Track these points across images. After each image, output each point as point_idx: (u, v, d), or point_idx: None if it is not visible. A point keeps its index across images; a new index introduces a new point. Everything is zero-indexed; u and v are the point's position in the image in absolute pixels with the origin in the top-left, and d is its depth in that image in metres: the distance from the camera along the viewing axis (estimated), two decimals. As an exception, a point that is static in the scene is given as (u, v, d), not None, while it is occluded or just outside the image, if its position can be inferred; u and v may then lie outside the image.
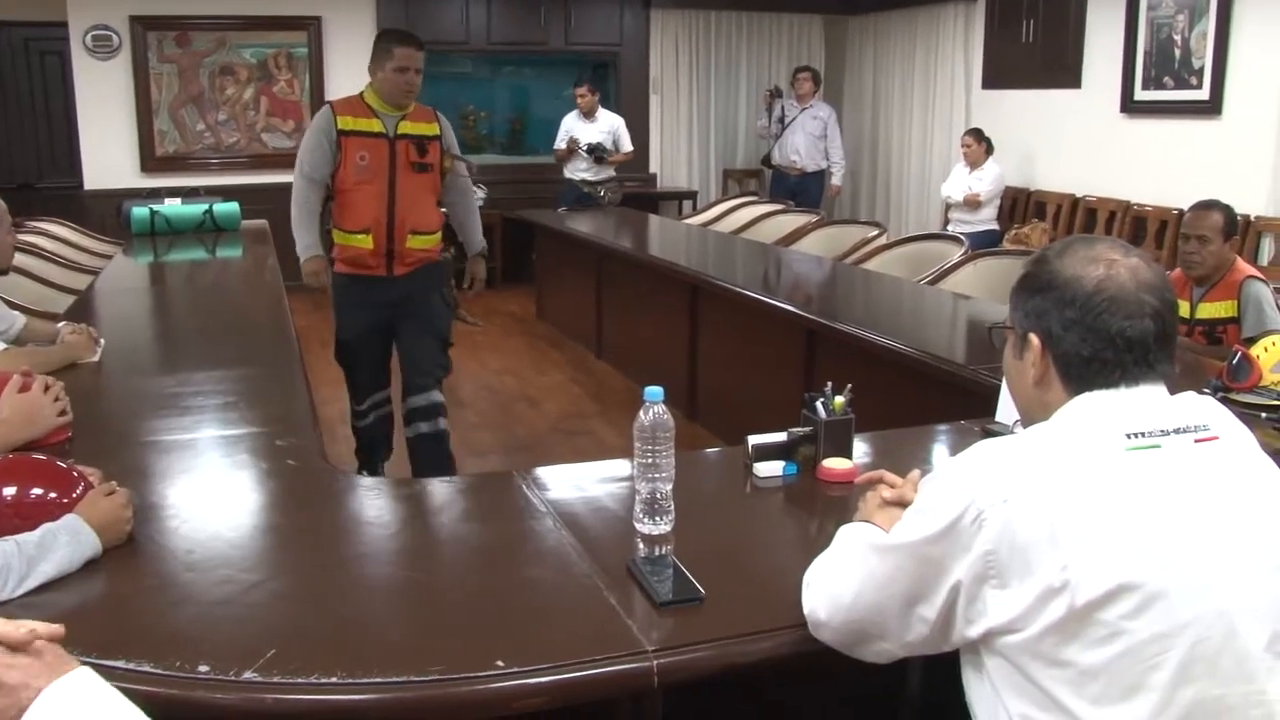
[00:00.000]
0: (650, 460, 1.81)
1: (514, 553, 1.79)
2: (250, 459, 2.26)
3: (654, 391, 1.81)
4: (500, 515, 1.95)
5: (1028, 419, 1.42)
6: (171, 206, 6.06)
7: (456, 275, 4.77)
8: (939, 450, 2.39)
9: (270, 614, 1.57)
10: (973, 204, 7.47)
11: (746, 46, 9.80)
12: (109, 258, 5.69)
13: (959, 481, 1.27)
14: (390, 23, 8.51)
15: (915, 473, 1.80)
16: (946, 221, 7.84)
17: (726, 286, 4.83)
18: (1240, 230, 3.80)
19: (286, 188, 8.14)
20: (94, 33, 7.97)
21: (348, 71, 8.49)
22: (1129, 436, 1.25)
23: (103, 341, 3.18)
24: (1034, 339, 1.36)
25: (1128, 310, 1.30)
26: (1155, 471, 1.24)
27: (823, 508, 2.03)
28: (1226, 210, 3.72)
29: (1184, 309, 3.71)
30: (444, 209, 4.22)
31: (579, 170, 8.30)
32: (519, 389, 6.07)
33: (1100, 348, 1.30)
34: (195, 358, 3.36)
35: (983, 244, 6.43)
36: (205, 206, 6.06)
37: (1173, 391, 1.34)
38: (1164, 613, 1.18)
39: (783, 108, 8.82)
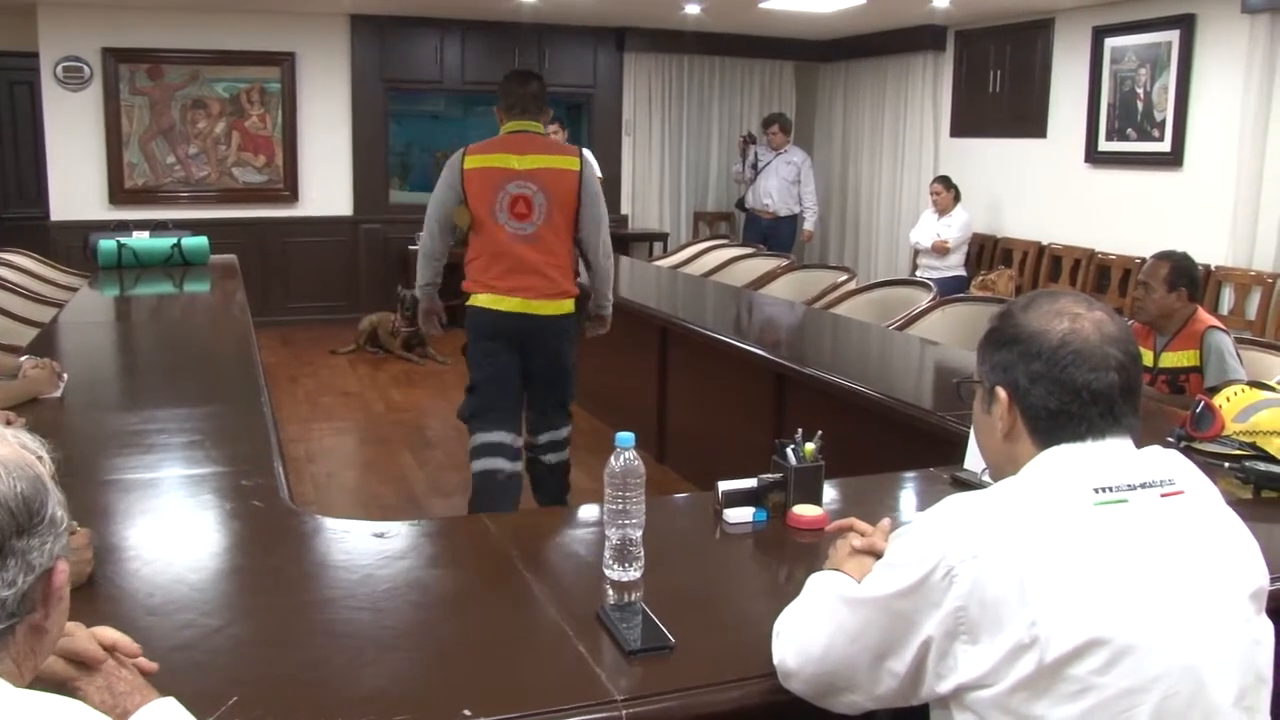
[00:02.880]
0: (620, 506, 1.80)
1: (482, 598, 1.77)
2: (214, 499, 2.23)
3: (625, 437, 1.81)
4: (468, 560, 1.93)
5: (997, 472, 1.42)
6: (139, 240, 6.02)
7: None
8: (908, 498, 2.40)
9: (233, 660, 1.54)
10: (941, 250, 7.55)
11: (719, 91, 9.90)
12: (74, 290, 5.64)
13: (930, 537, 1.27)
14: (363, 60, 8.55)
15: (886, 521, 1.81)
16: (915, 267, 7.91)
17: (696, 329, 4.85)
18: (1201, 281, 3.85)
19: (256, 222, 8.33)
20: (65, 64, 7.93)
21: (321, 108, 8.52)
22: (1097, 491, 1.26)
23: (66, 376, 3.14)
24: (1001, 392, 1.37)
25: (1093, 363, 1.31)
26: (1123, 526, 1.25)
27: (792, 555, 2.03)
28: (1176, 261, 3.77)
29: (1147, 358, 3.76)
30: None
31: None
32: (487, 428, 6.03)
33: (1067, 401, 1.31)
34: (160, 394, 3.32)
35: (950, 290, 6.50)
36: (173, 240, 6.02)
37: (1139, 443, 1.35)
38: (1133, 668, 1.19)
39: (756, 153, 8.91)
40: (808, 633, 1.41)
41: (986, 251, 7.92)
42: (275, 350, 7.53)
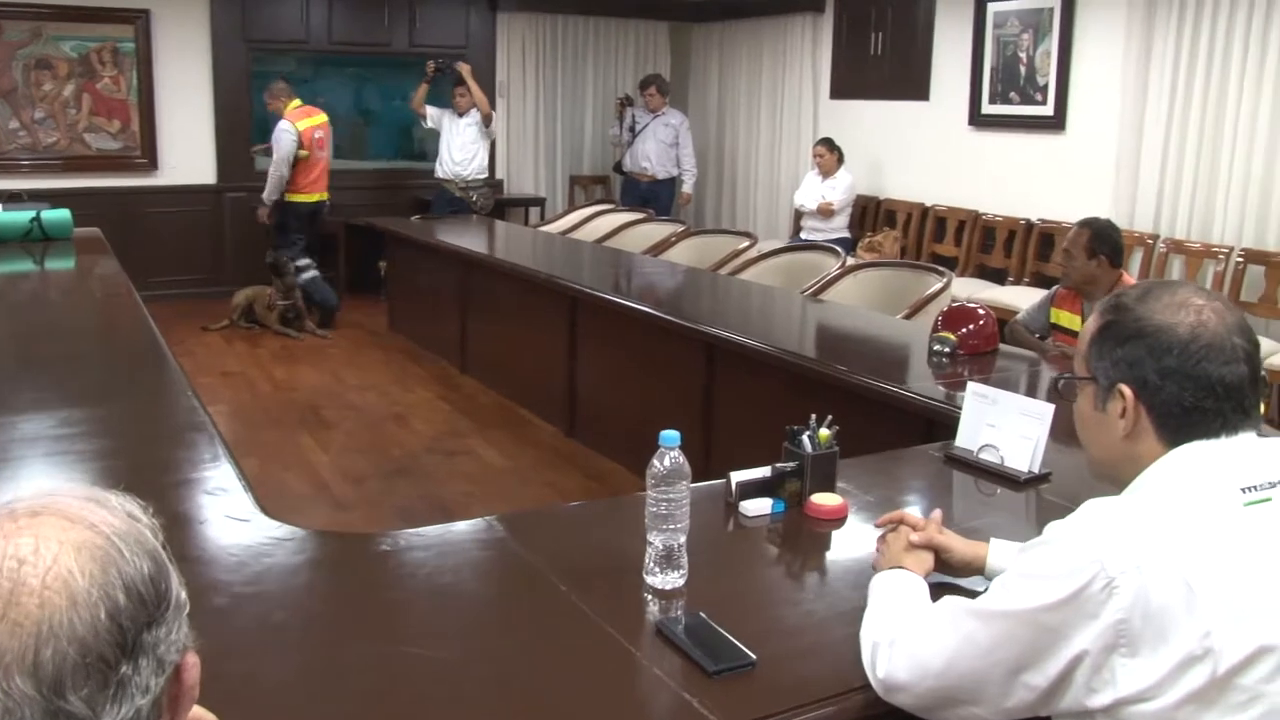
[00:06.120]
0: (665, 510, 1.68)
1: (526, 617, 1.63)
2: (179, 514, 2.01)
3: (670, 436, 1.68)
4: (493, 573, 1.78)
5: (1110, 472, 1.36)
6: (-8, 214, 5.51)
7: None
8: (908, 478, 2.35)
9: (281, 710, 1.36)
10: (826, 212, 7.59)
11: (593, 52, 9.71)
12: (-81, 272, 5.12)
13: (1083, 547, 1.20)
14: (224, 18, 8.06)
15: (938, 513, 1.75)
16: (798, 229, 7.94)
17: (611, 300, 4.73)
18: (1123, 247, 3.93)
19: (112, 192, 7.78)
20: (-114, 19, 7.19)
21: (180, 70, 7.98)
22: (1244, 491, 1.21)
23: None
24: (1126, 390, 1.30)
25: (1225, 356, 1.26)
26: (1272, 525, 1.20)
27: (820, 548, 1.95)
28: (1098, 228, 3.83)
29: (1074, 323, 3.83)
30: None
31: (452, 165, 8.01)
32: (385, 407, 5.80)
33: (1201, 396, 1.26)
34: (54, 393, 2.87)
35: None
36: (33, 213, 5.53)
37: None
38: (1298, 673, 1.15)
39: (633, 115, 8.79)
40: (925, 645, 1.33)
41: (870, 213, 8.01)
42: (166, 324, 7.06)
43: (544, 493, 4.57)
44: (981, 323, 3.50)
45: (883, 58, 7.90)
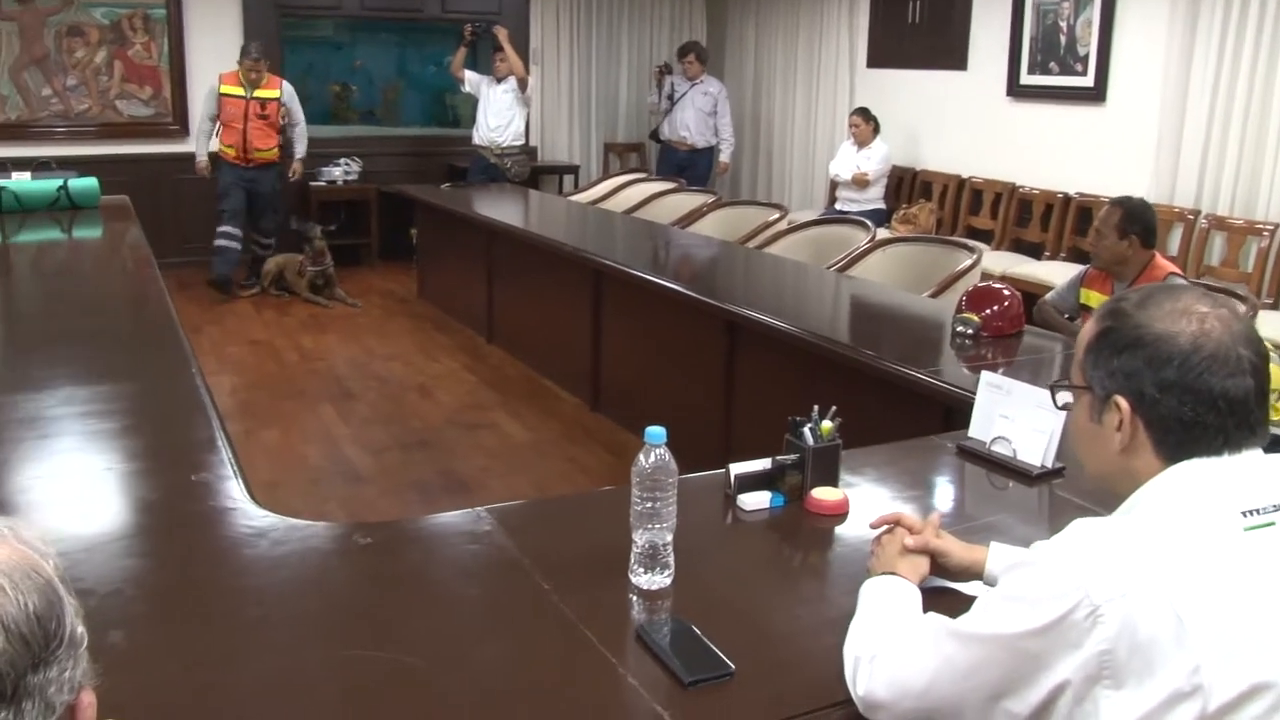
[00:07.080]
0: (650, 507, 1.63)
1: (506, 620, 1.58)
2: (168, 500, 1.99)
3: (655, 433, 1.63)
4: (475, 571, 1.74)
5: (1103, 483, 1.29)
6: (20, 181, 5.53)
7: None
8: (917, 471, 2.27)
9: (255, 712, 1.33)
10: (861, 183, 7.46)
11: (628, 19, 9.59)
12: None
13: (1068, 571, 1.13)
14: (255, -16, 8.01)
15: (935, 515, 1.69)
16: (833, 200, 7.82)
17: (636, 274, 4.66)
18: (1155, 227, 3.80)
19: (145, 159, 7.84)
20: (-82, -15, 7.22)
21: (211, 36, 7.97)
22: (1244, 514, 1.13)
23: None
24: (1122, 402, 1.22)
25: (1229, 368, 1.18)
26: (1273, 553, 1.13)
27: (820, 546, 1.89)
28: (1130, 208, 3.71)
29: (1105, 304, 3.72)
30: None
31: (488, 131, 7.97)
32: (409, 377, 5.79)
33: (1202, 411, 1.18)
34: (72, 368, 2.90)
35: (872, 223, 6.40)
36: (59, 181, 5.55)
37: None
38: (1295, 712, 1.08)
39: (672, 84, 8.69)
40: (905, 665, 1.27)
41: (905, 184, 7.86)
42: (171, 296, 7.09)
43: (564, 468, 4.54)
44: (1006, 304, 3.40)
45: (920, 26, 7.72)
